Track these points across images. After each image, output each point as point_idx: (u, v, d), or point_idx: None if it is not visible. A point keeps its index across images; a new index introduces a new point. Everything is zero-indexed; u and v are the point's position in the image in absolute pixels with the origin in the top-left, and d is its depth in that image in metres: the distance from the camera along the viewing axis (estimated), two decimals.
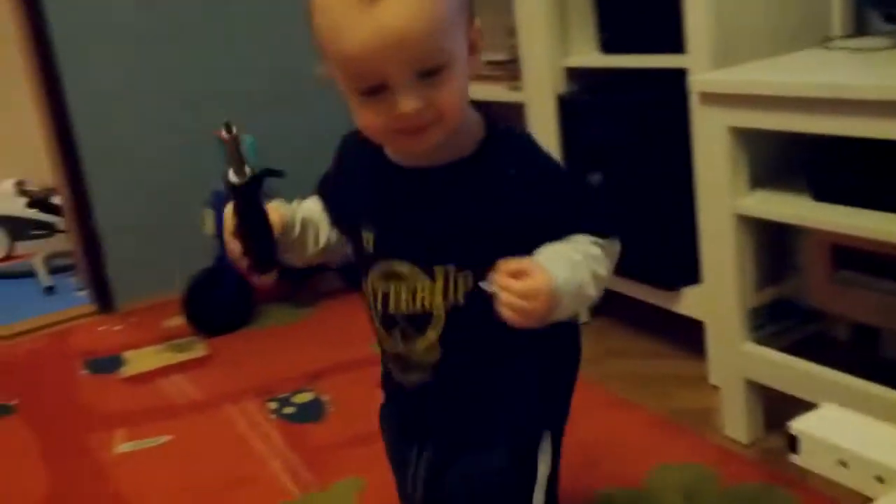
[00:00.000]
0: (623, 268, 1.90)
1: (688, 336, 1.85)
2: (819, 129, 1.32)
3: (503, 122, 0.93)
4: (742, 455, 1.53)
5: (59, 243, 3.37)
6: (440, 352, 0.93)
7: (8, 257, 3.54)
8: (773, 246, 1.54)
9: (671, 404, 1.74)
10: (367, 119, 0.84)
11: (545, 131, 2.08)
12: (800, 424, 0.86)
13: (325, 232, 0.99)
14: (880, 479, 0.79)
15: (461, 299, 0.90)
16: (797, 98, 1.33)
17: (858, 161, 1.37)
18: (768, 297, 1.54)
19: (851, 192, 1.35)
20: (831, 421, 0.86)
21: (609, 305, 2.14)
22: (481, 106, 0.93)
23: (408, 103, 0.80)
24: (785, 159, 1.51)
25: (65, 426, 2.01)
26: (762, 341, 1.51)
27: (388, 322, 0.96)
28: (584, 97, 2.01)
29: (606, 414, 1.74)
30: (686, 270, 1.74)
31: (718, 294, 1.57)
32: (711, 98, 1.48)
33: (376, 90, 0.81)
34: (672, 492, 1.44)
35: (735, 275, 1.50)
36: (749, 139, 1.46)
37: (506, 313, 0.79)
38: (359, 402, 1.73)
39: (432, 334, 0.93)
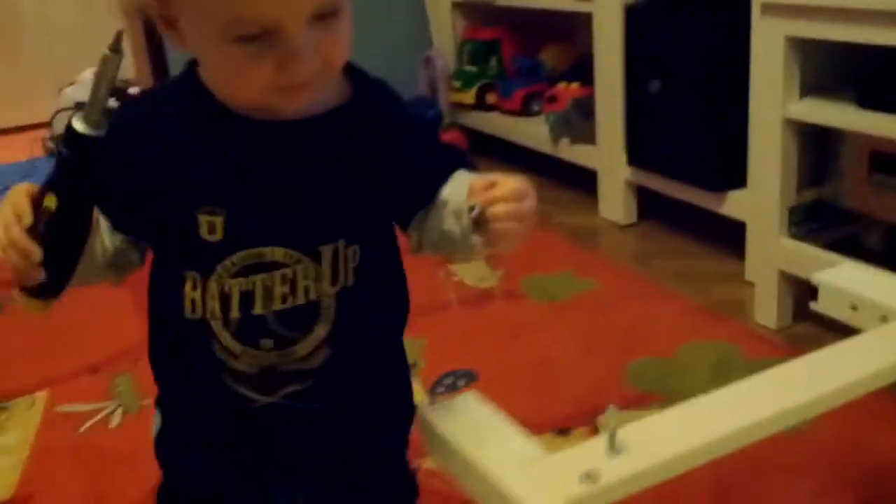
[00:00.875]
0: (673, 171, 2.07)
1: (728, 237, 1.99)
2: (870, 40, 1.43)
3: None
4: (769, 337, 1.68)
5: None
6: (329, 351, 0.76)
7: None
8: (817, 150, 1.66)
9: (708, 296, 1.90)
10: (245, 73, 0.66)
11: (611, 40, 2.20)
12: (820, 275, 1.01)
13: (108, 237, 0.75)
14: (884, 319, 0.94)
15: (350, 279, 0.75)
16: (851, 9, 1.44)
17: None
18: (808, 198, 1.67)
19: (893, 101, 1.46)
20: (847, 274, 1.01)
21: (656, 208, 2.29)
22: (546, 15, 0.82)
23: (306, 52, 0.65)
24: (835, 69, 1.62)
25: None
26: (798, 237, 1.65)
27: (252, 331, 0.75)
28: (651, 7, 2.11)
29: (647, 301, 1.90)
30: (733, 174, 1.87)
31: (762, 194, 1.70)
32: (772, 8, 1.59)
33: (259, 36, 0.65)
34: (699, 362, 1.61)
35: (780, 175, 1.63)
36: (804, 48, 1.58)
37: (507, 227, 0.71)
38: None
39: (321, 330, 0.75)
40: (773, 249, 1.67)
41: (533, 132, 2.62)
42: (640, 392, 1.54)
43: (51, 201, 0.66)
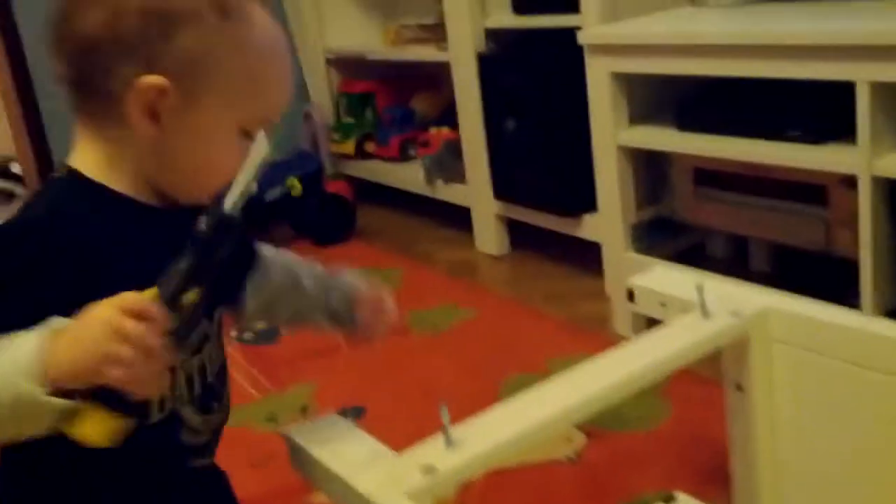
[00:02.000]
0: (533, 200, 2.24)
1: (588, 257, 2.16)
2: (679, 71, 1.63)
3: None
4: None
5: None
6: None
7: None
8: (651, 171, 1.85)
9: (575, 313, 2.06)
10: (232, 162, 0.67)
11: (468, 86, 2.37)
12: (635, 279, 1.16)
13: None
14: (685, 311, 1.09)
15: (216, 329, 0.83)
16: (663, 45, 1.64)
17: (711, 96, 1.69)
18: (648, 215, 1.85)
19: (707, 122, 1.66)
20: (658, 275, 1.17)
21: (526, 237, 2.46)
22: (414, 66, 0.99)
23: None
24: (656, 99, 1.82)
25: None
26: (642, 251, 1.83)
27: (208, 398, 0.80)
28: (501, 54, 2.29)
29: (520, 323, 2.05)
30: (585, 199, 2.04)
31: (608, 215, 1.88)
32: (597, 49, 1.78)
33: (249, 132, 0.72)
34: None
35: (619, 197, 1.81)
36: (628, 82, 1.77)
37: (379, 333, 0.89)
38: None
39: (225, 374, 0.86)
40: (623, 264, 1.85)
41: (410, 177, 2.76)
42: None
43: (193, 296, 0.60)
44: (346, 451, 0.84)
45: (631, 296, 1.16)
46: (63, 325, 0.61)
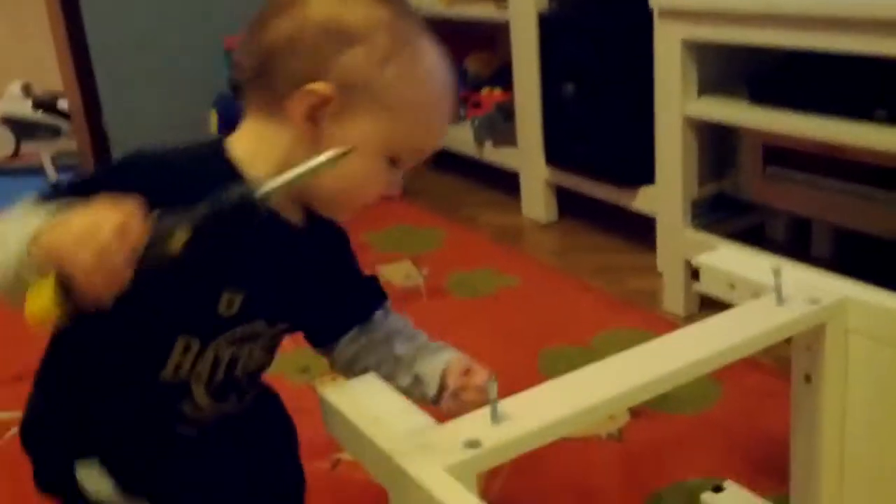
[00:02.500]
0: (587, 169, 2.15)
1: (642, 231, 2.07)
2: (757, 41, 1.53)
3: None
4: (677, 324, 1.77)
5: (64, 144, 3.55)
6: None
7: (15, 155, 3.71)
8: (716, 146, 1.76)
9: (623, 288, 1.98)
10: (374, 186, 0.80)
11: (527, 47, 2.28)
12: (701, 258, 1.08)
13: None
14: (756, 295, 1.01)
15: (271, 337, 0.89)
16: (741, 13, 1.53)
17: (788, 69, 1.58)
18: (709, 191, 1.76)
19: (781, 97, 1.56)
20: (726, 256, 1.09)
21: (575, 206, 2.38)
22: (469, 25, 0.98)
23: (400, 182, 0.82)
24: (729, 69, 1.72)
25: None
26: (701, 228, 1.74)
27: (227, 389, 0.85)
28: (563, 16, 2.20)
29: (565, 294, 1.98)
30: (642, 170, 1.96)
31: (667, 189, 1.79)
32: (668, 14, 1.68)
33: (405, 161, 0.80)
34: (612, 349, 1.66)
35: (682, 170, 1.73)
36: (699, 50, 1.67)
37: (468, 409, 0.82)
38: None
39: (259, 379, 0.91)
40: (679, 241, 1.76)
41: (459, 138, 2.69)
42: (549, 378, 1.61)
43: (180, 239, 0.62)
44: (385, 418, 0.79)
45: (696, 274, 1.09)
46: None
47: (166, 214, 0.64)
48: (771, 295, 0.95)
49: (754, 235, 1.83)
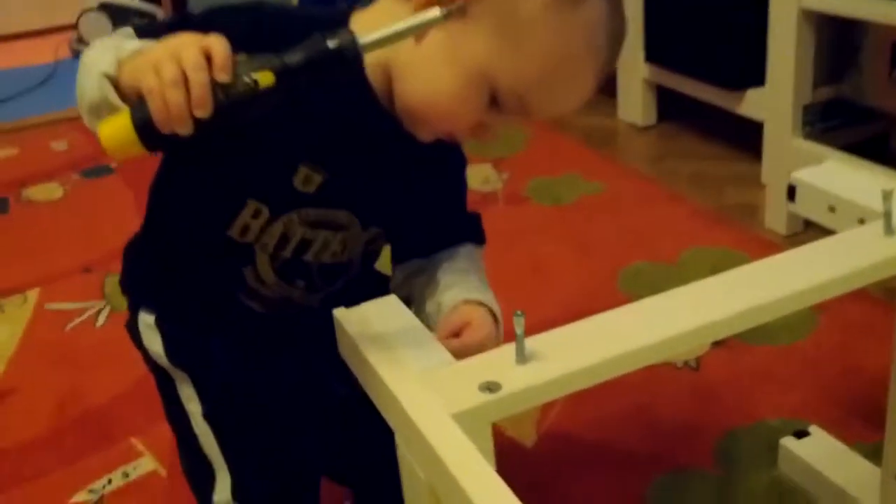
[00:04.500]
0: (690, 67, 1.95)
1: (748, 138, 1.87)
2: None
3: None
4: (778, 244, 1.59)
5: None
6: (336, 292, 0.84)
7: None
8: (836, 44, 1.54)
9: (722, 200, 1.80)
10: (453, 114, 0.69)
11: None
12: (799, 174, 0.92)
13: None
14: (862, 222, 0.85)
15: (379, 248, 0.86)
16: None
17: None
18: (825, 95, 1.56)
19: None
20: (829, 172, 0.92)
21: (675, 109, 2.18)
22: None
23: (493, 136, 0.72)
24: None
25: None
26: (813, 137, 1.54)
27: (293, 271, 0.80)
28: None
29: (654, 205, 1.81)
30: (752, 71, 1.75)
31: (777, 91, 1.59)
32: None
33: (508, 109, 0.69)
34: (700, 268, 1.53)
35: (794, 71, 1.52)
36: None
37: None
38: None
39: (341, 282, 0.84)
40: (786, 151, 1.57)
41: None
42: (629, 298, 1.47)
43: (266, 78, 0.57)
44: (399, 351, 0.68)
45: (792, 193, 0.93)
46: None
47: (259, 54, 0.59)
48: (878, 222, 0.78)
49: (876, 148, 1.62)
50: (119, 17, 3.66)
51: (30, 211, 2.09)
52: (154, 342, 0.85)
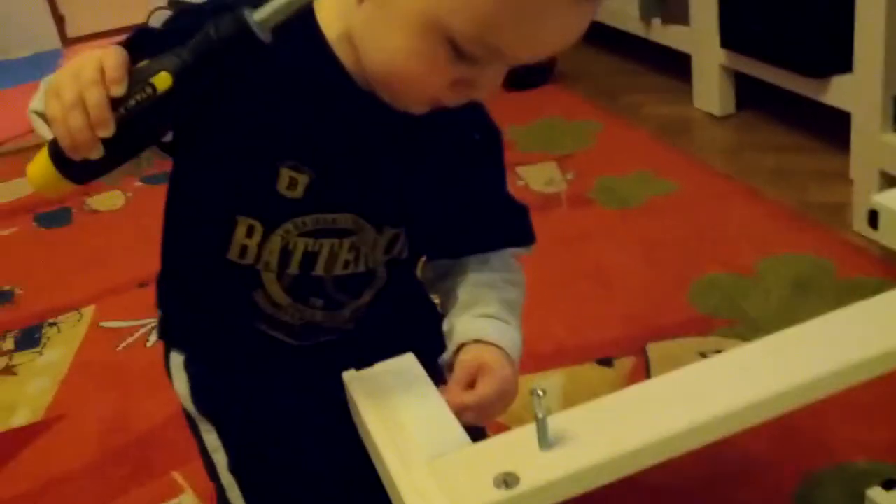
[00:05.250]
0: (770, 53, 1.80)
1: (834, 129, 1.72)
2: None
3: None
4: (867, 250, 1.45)
5: None
6: (367, 311, 0.76)
7: None
8: None
9: (805, 198, 1.66)
10: (424, 77, 0.60)
11: None
12: (881, 198, 0.80)
13: None
14: None
15: (404, 254, 0.74)
16: None
17: None
18: None
19: None
20: None
21: (755, 97, 2.03)
22: None
23: (484, 88, 0.61)
24: None
25: None
26: None
27: (306, 289, 0.73)
28: None
29: (730, 205, 1.69)
30: (837, 57, 1.60)
31: (865, 79, 1.44)
32: None
33: (477, 58, 0.59)
34: (781, 280, 1.41)
35: (883, 56, 1.37)
36: None
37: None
38: None
39: (368, 296, 0.75)
40: (875, 146, 1.43)
41: (625, 11, 2.36)
42: (702, 314, 1.37)
43: (162, 81, 0.55)
44: (407, 428, 0.61)
45: (874, 219, 0.81)
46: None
47: (160, 56, 0.56)
48: None
49: None
50: None
51: (92, 221, 2.09)
52: (182, 385, 0.80)
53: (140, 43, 0.61)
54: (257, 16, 0.55)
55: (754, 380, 0.62)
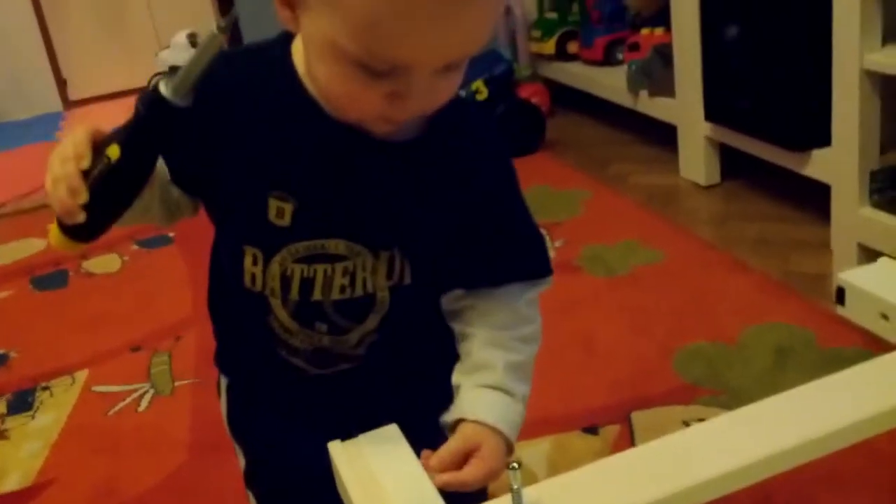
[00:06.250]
0: (755, 128, 1.86)
1: (816, 201, 1.77)
2: None
3: None
4: (846, 320, 1.47)
5: None
6: (376, 338, 0.77)
7: None
8: None
9: (787, 267, 1.70)
10: (356, 98, 0.64)
11: None
12: (848, 276, 0.84)
13: (172, 189, 0.74)
14: None
15: (407, 279, 0.75)
16: None
17: None
18: (894, 160, 1.45)
19: None
20: (882, 274, 0.83)
21: (739, 167, 2.08)
22: None
23: (420, 95, 0.63)
24: None
25: None
26: (880, 206, 1.44)
27: (309, 314, 0.75)
28: None
29: (715, 274, 1.72)
30: (817, 131, 1.65)
31: (843, 153, 1.49)
32: None
33: (383, 73, 0.62)
34: (764, 349, 1.43)
35: (858, 133, 1.42)
36: None
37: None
38: None
39: (373, 321, 0.76)
40: (852, 219, 1.47)
41: (613, 84, 2.43)
42: (686, 383, 1.39)
43: (113, 152, 0.64)
44: (389, 498, 0.63)
45: (841, 296, 0.84)
46: None
47: (118, 128, 0.65)
48: None
49: None
50: None
51: (88, 284, 2.12)
52: (222, 406, 0.87)
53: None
54: (168, 88, 0.62)
55: (732, 448, 0.65)
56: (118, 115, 2.79)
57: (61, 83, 4.09)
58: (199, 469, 1.37)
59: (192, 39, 3.80)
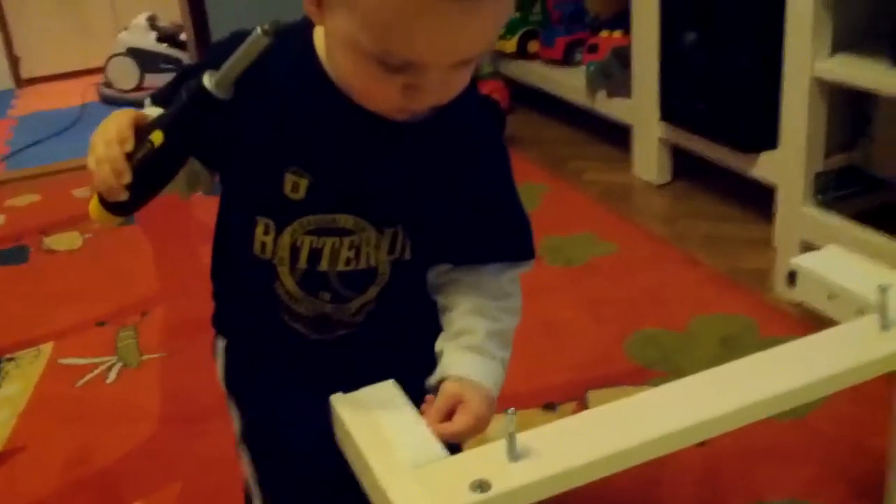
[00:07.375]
0: (704, 128, 1.95)
1: (761, 201, 1.87)
2: None
3: None
4: (788, 312, 1.58)
5: None
6: (374, 307, 0.82)
7: (139, 88, 3.77)
8: (849, 113, 1.54)
9: (733, 263, 1.80)
10: (373, 89, 0.70)
11: None
12: (799, 260, 0.92)
13: (194, 162, 0.78)
14: (860, 312, 0.85)
15: (407, 254, 0.81)
16: None
17: None
18: (837, 163, 1.56)
19: None
20: (829, 259, 0.92)
21: (691, 167, 2.18)
22: None
23: (435, 88, 0.69)
24: (867, 25, 1.49)
25: (177, 238, 2.21)
26: (823, 205, 1.54)
27: (314, 282, 0.80)
28: None
29: (666, 267, 1.81)
30: (765, 134, 1.75)
31: (789, 157, 1.59)
32: None
33: (399, 68, 0.67)
34: (710, 336, 1.53)
35: (805, 137, 1.52)
36: (837, 1, 1.45)
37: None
38: None
39: (373, 292, 0.82)
40: (796, 217, 1.57)
41: (572, 84, 2.51)
42: (638, 365, 1.48)
43: (157, 137, 0.69)
44: (392, 442, 0.69)
45: (792, 278, 0.93)
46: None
47: (162, 114, 0.71)
48: (875, 316, 0.78)
49: (888, 216, 1.62)
50: (146, 61, 3.73)
51: (49, 260, 2.12)
52: (219, 365, 0.91)
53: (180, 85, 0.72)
54: (211, 81, 0.67)
55: (687, 409, 0.72)
56: (73, 94, 2.79)
57: (14, 60, 4.02)
58: (172, 439, 1.41)
59: (152, 22, 3.78)
